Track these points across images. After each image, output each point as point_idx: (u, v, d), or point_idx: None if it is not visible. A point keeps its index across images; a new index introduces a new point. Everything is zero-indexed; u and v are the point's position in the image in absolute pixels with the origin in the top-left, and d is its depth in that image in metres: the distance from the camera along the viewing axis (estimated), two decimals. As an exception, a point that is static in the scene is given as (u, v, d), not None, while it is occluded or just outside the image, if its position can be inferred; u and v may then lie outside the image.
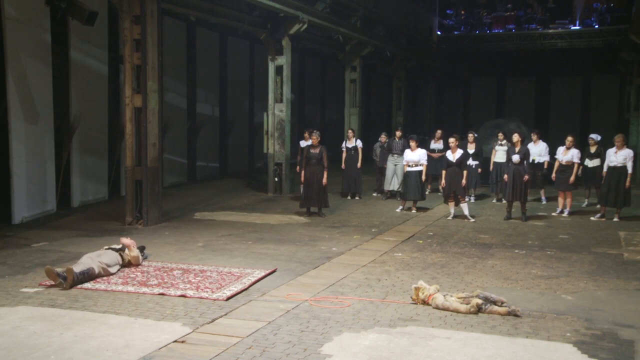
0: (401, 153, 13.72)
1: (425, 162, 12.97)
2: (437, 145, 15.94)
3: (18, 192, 10.85)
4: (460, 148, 12.51)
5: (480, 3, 30.04)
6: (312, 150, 12.22)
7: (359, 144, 14.99)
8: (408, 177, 12.95)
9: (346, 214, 12.64)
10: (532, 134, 14.68)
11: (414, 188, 12.85)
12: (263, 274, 7.53)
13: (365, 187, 15.55)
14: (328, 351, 5.10)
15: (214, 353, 5.01)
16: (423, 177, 12.95)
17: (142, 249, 8.39)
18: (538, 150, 14.32)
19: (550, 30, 26.75)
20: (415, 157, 12.87)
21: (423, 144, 16.67)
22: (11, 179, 10.74)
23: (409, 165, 12.89)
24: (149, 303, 6.33)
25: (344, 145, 15.22)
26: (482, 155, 15.05)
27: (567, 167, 12.64)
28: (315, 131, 12.60)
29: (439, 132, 16.27)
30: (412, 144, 12.98)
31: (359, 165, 14.83)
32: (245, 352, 5.04)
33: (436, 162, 15.48)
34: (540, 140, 14.38)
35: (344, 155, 15.00)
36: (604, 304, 6.54)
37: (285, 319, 5.89)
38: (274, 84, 15.61)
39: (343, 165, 14.98)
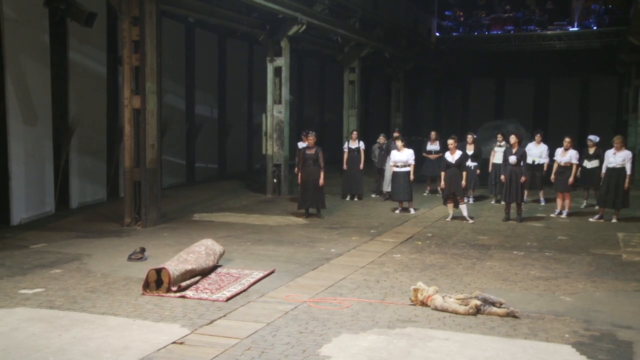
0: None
1: (413, 162, 12.97)
2: (433, 146, 15.96)
3: (16, 194, 10.83)
4: (459, 149, 12.51)
5: (478, 4, 30.01)
6: (308, 152, 12.23)
7: (362, 145, 15.01)
8: (396, 178, 12.94)
9: (345, 215, 12.63)
10: (535, 135, 14.69)
11: (403, 188, 12.86)
12: (262, 275, 7.53)
13: (364, 188, 15.55)
14: (327, 352, 5.10)
15: (212, 354, 5.00)
16: (411, 177, 12.94)
17: (142, 250, 8.40)
18: (539, 152, 14.36)
19: (549, 32, 26.72)
20: (404, 157, 12.87)
21: (420, 145, 16.71)
22: (9, 180, 10.73)
23: (396, 166, 12.88)
24: (148, 304, 6.32)
25: (346, 146, 15.23)
26: (481, 156, 15.07)
27: (566, 169, 12.64)
28: (311, 132, 12.61)
29: (433, 133, 16.31)
30: (399, 144, 12.96)
31: (361, 166, 14.86)
32: (244, 354, 5.04)
33: (434, 164, 15.51)
34: (542, 142, 14.42)
35: (345, 155, 15.00)
36: (602, 305, 6.55)
37: (284, 320, 5.88)
38: (272, 85, 15.62)
39: (345, 166, 14.98)
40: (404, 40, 24.20)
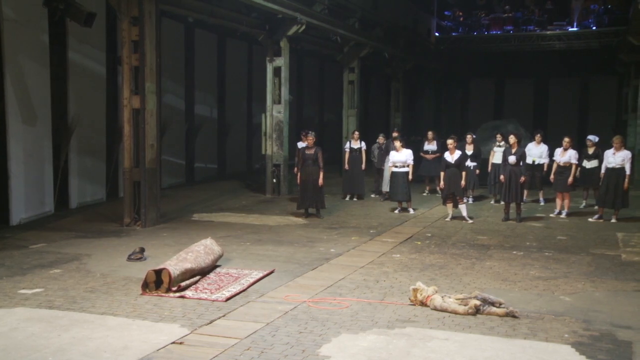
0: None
1: (412, 162, 12.98)
2: (430, 146, 15.97)
3: (16, 194, 10.83)
4: (459, 149, 12.51)
5: (478, 4, 30.01)
6: (307, 152, 12.25)
7: (363, 145, 15.03)
8: (395, 178, 12.95)
9: (344, 215, 12.63)
10: (535, 135, 14.71)
11: (402, 189, 12.87)
12: (261, 275, 7.53)
13: (364, 188, 15.54)
14: (326, 352, 5.10)
15: (212, 354, 5.00)
16: (410, 177, 12.94)
17: (141, 250, 8.40)
18: (539, 152, 14.38)
19: (548, 32, 26.73)
20: (403, 157, 12.87)
21: (419, 145, 16.71)
22: (9, 180, 10.73)
23: (395, 166, 12.89)
24: (147, 304, 6.32)
25: (347, 146, 15.24)
26: (481, 156, 15.08)
27: (565, 169, 12.65)
28: (310, 132, 12.62)
29: (430, 133, 16.30)
30: (397, 144, 12.97)
31: (363, 166, 14.87)
32: (244, 354, 5.04)
33: (431, 163, 15.52)
34: (542, 142, 14.44)
35: (346, 155, 15.01)
36: (602, 305, 6.55)
37: (284, 320, 5.88)
38: (272, 86, 15.62)
39: (346, 166, 14.99)
40: (404, 40, 24.18)
